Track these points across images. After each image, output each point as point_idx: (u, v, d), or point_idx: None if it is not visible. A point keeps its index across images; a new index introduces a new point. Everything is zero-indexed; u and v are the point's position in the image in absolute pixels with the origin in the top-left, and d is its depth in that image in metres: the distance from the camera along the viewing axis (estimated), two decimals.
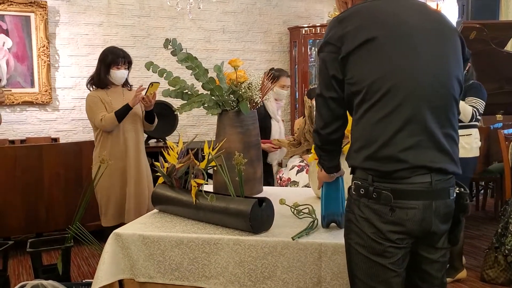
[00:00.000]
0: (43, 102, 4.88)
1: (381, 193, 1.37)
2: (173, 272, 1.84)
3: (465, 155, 3.22)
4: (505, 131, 4.10)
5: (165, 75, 2.31)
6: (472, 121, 3.29)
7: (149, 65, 2.37)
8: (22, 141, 4.68)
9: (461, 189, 1.47)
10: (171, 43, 2.26)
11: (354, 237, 1.44)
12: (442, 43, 1.44)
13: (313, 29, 5.86)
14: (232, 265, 1.77)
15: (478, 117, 3.32)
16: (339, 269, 1.67)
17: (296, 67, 6.02)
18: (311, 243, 1.71)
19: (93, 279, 1.88)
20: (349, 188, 1.49)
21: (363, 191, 1.41)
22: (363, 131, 1.42)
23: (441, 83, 1.41)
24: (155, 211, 2.24)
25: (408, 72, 1.38)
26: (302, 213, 1.97)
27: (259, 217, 1.79)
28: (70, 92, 5.06)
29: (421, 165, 1.36)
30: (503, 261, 3.21)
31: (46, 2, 4.83)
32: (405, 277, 1.45)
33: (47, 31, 4.85)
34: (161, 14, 5.43)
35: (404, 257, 1.42)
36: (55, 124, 5.02)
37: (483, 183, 5.44)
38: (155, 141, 5.12)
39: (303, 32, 5.88)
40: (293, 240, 1.71)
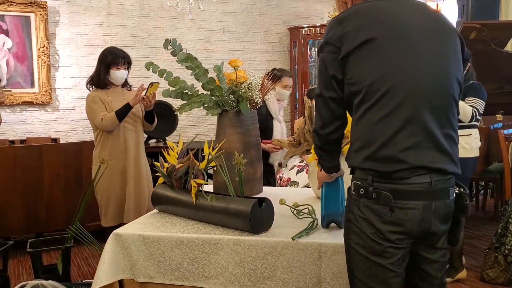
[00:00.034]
0: (43, 102, 4.88)
1: (381, 193, 1.37)
2: (173, 272, 1.84)
3: (465, 155, 3.22)
4: (505, 131, 4.10)
5: (165, 75, 2.31)
6: (472, 121, 3.29)
7: (149, 65, 2.37)
8: (22, 141, 4.68)
9: (460, 189, 1.47)
10: (171, 43, 2.26)
11: (353, 237, 1.44)
12: (441, 43, 1.44)
13: (313, 29, 5.86)
14: (232, 265, 1.77)
15: (478, 117, 3.32)
16: (339, 269, 1.67)
17: (296, 67, 6.02)
18: (311, 243, 1.71)
19: (93, 279, 1.88)
20: (349, 188, 1.49)
21: (362, 191, 1.41)
22: (362, 131, 1.42)
23: (441, 83, 1.41)
24: (155, 211, 2.24)
25: (408, 72, 1.38)
26: (302, 213, 1.97)
27: (259, 217, 1.80)
28: (70, 92, 5.06)
29: (421, 166, 1.36)
30: (503, 261, 3.21)
31: (46, 2, 4.83)
32: (404, 277, 1.45)
33: (47, 31, 4.85)
34: (161, 14, 5.43)
35: (403, 257, 1.42)
36: (55, 124, 5.02)
37: (483, 183, 5.44)
38: (155, 141, 5.11)
39: (303, 32, 5.88)
40: (293, 240, 1.71)
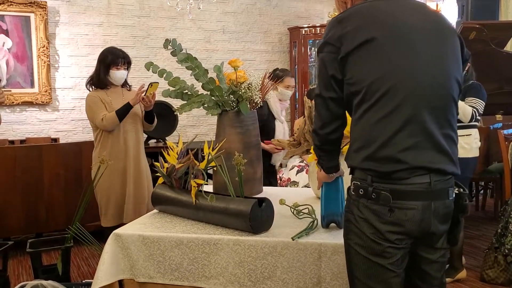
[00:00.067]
0: (43, 102, 4.88)
1: (380, 194, 1.37)
2: (173, 272, 1.84)
3: (465, 155, 3.23)
4: (505, 131, 4.10)
5: (165, 75, 2.31)
6: (472, 121, 3.29)
7: (149, 66, 2.37)
8: (22, 141, 4.68)
9: (460, 190, 1.47)
10: (171, 44, 2.26)
11: (353, 238, 1.44)
12: (441, 44, 1.44)
13: (313, 29, 5.87)
14: (232, 265, 1.77)
15: (478, 118, 3.32)
16: (338, 269, 1.67)
17: (296, 67, 6.02)
18: (311, 243, 1.71)
19: (93, 279, 1.88)
20: (348, 188, 1.49)
21: (362, 191, 1.41)
22: (362, 131, 1.42)
23: (440, 84, 1.41)
24: (155, 211, 2.24)
25: (408, 72, 1.38)
26: (302, 213, 1.97)
27: (259, 217, 1.80)
28: (70, 92, 5.06)
29: (420, 166, 1.36)
30: (502, 261, 3.21)
31: (46, 2, 4.83)
32: (404, 278, 1.45)
33: (47, 31, 4.85)
34: (161, 14, 5.44)
35: (403, 257, 1.42)
36: (55, 124, 5.02)
37: (483, 183, 5.44)
38: (155, 141, 5.11)
39: (303, 32, 5.88)
40: (293, 240, 1.72)
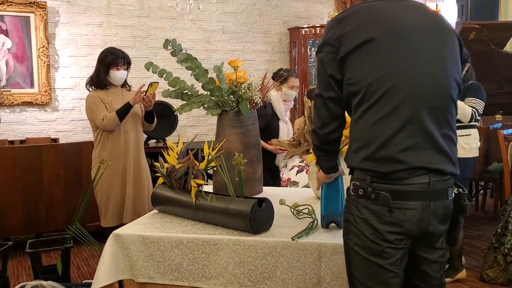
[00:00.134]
0: (43, 102, 4.88)
1: (380, 194, 1.37)
2: (173, 272, 1.84)
3: (465, 155, 3.23)
4: (505, 132, 4.10)
5: (165, 75, 2.31)
6: (471, 121, 3.29)
7: (149, 66, 2.37)
8: (21, 142, 4.68)
9: (459, 190, 1.47)
10: (170, 44, 2.26)
11: (352, 238, 1.44)
12: (440, 44, 1.44)
13: (313, 30, 5.87)
14: (232, 266, 1.77)
15: (477, 118, 3.32)
16: (338, 269, 1.67)
17: (296, 67, 6.02)
18: (311, 243, 1.71)
19: (92, 279, 1.88)
20: (348, 188, 1.49)
21: (361, 191, 1.41)
22: (361, 132, 1.42)
23: (440, 84, 1.42)
24: (154, 211, 2.24)
25: (408, 72, 1.38)
26: (301, 214, 1.97)
27: (259, 218, 1.80)
28: (69, 92, 5.06)
29: (420, 166, 1.36)
30: (502, 261, 3.21)
31: (45, 2, 4.83)
32: (403, 278, 1.45)
33: (46, 32, 4.85)
34: (161, 14, 5.44)
35: (402, 257, 1.42)
36: (55, 124, 5.02)
37: (482, 183, 5.44)
38: (155, 141, 5.11)
39: (303, 32, 5.88)
40: (293, 240, 1.72)
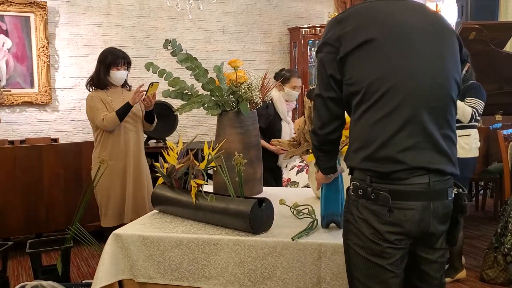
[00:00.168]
0: (43, 102, 4.89)
1: (379, 194, 1.37)
2: (173, 272, 1.84)
3: (465, 155, 3.23)
4: (504, 132, 4.10)
5: (165, 75, 2.31)
6: (471, 121, 3.29)
7: (149, 66, 2.37)
8: (21, 142, 4.68)
9: (459, 190, 1.48)
10: (171, 44, 2.26)
11: (352, 238, 1.44)
12: (440, 44, 1.44)
13: (313, 30, 5.87)
14: (232, 266, 1.77)
15: (477, 118, 3.32)
16: (338, 270, 1.67)
17: (296, 67, 6.02)
18: (311, 243, 1.71)
19: (92, 279, 1.88)
20: (347, 189, 1.49)
21: (361, 192, 1.41)
22: (361, 132, 1.42)
23: (440, 84, 1.42)
24: (154, 211, 2.24)
25: (408, 72, 1.38)
26: (301, 214, 1.97)
27: (259, 218, 1.80)
28: (69, 92, 5.06)
29: (420, 166, 1.36)
30: (502, 261, 3.21)
31: (45, 2, 4.83)
32: (403, 278, 1.45)
33: (46, 32, 4.85)
34: (161, 14, 5.44)
35: (402, 257, 1.42)
36: (55, 124, 5.02)
37: (482, 183, 5.44)
38: (155, 141, 5.11)
39: (303, 32, 5.88)
40: (293, 240, 1.72)
